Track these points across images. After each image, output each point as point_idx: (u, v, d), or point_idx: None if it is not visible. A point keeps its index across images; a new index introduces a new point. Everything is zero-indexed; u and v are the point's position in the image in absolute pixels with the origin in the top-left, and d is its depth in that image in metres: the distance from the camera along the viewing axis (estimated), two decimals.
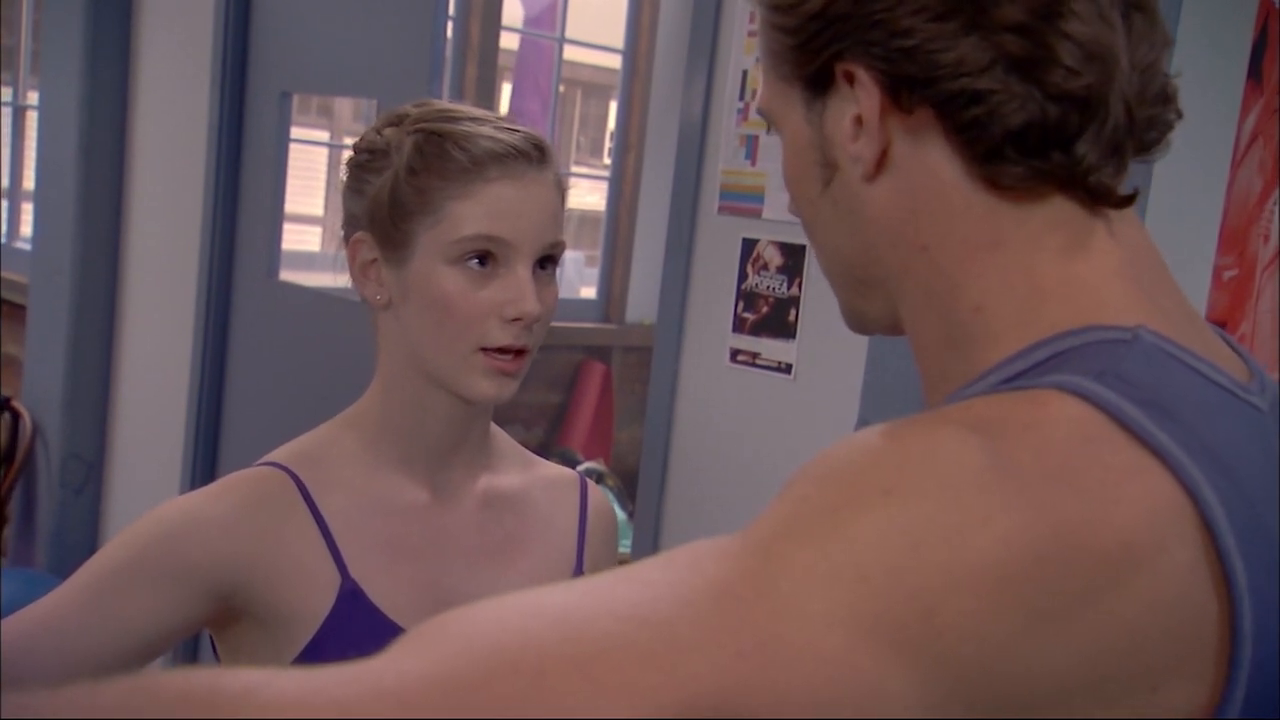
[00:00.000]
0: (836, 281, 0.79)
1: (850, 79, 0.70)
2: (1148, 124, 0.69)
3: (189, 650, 3.43)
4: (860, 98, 0.69)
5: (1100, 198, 0.69)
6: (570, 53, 5.00)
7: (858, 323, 0.81)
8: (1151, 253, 0.72)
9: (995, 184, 0.68)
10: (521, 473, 1.27)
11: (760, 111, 0.79)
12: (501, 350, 1.12)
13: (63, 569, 3.63)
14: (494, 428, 1.25)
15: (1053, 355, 0.66)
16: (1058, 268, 0.69)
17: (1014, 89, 0.66)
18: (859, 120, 0.70)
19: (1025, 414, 0.62)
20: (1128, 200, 0.70)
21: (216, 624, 1.14)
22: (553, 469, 1.31)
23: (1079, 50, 0.66)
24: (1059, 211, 0.69)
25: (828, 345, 2.13)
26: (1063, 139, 0.67)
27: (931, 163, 0.69)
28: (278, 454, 1.18)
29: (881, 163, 0.70)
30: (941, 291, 0.71)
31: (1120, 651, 0.59)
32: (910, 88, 0.68)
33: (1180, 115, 0.71)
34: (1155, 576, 0.59)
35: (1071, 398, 0.62)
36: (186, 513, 1.12)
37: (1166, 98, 0.70)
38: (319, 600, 1.12)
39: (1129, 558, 0.58)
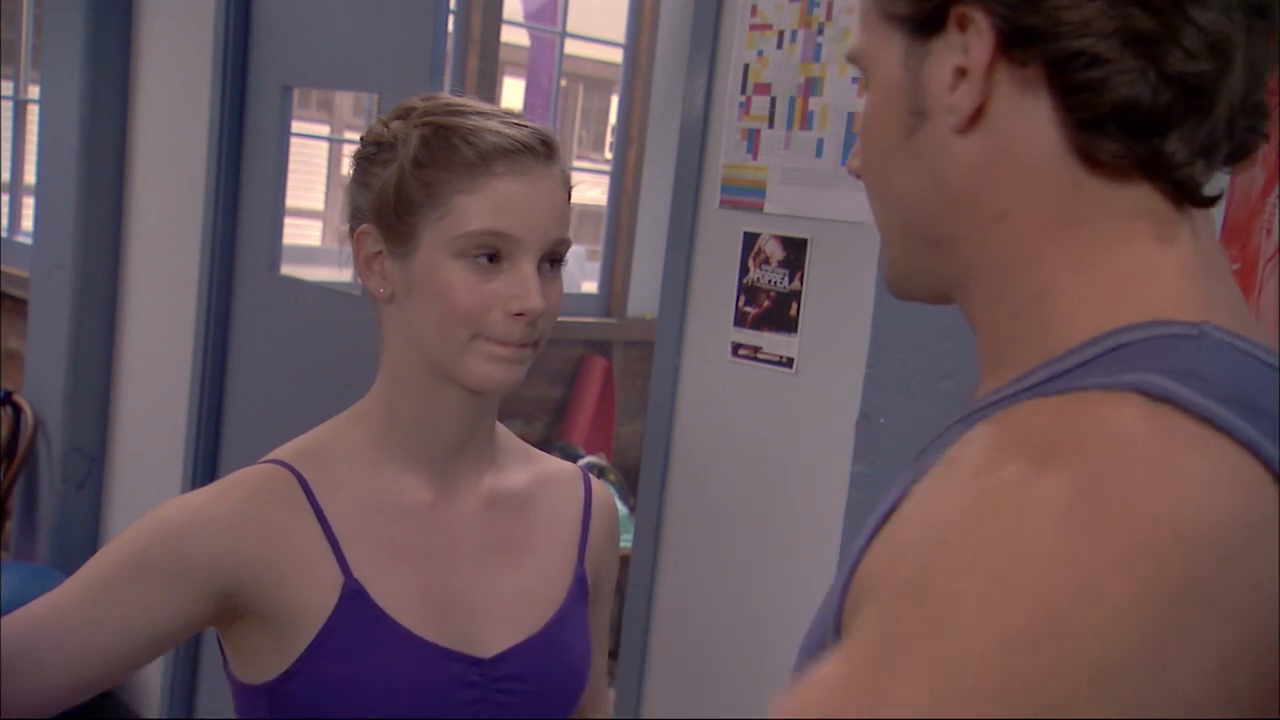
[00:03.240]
0: (896, 238, 0.77)
1: (964, 24, 0.68)
2: (1245, 130, 0.68)
3: (191, 649, 3.43)
4: (971, 44, 0.68)
5: (1186, 192, 0.68)
6: (571, 47, 4.99)
7: (905, 286, 0.78)
8: (1221, 254, 0.71)
9: (1089, 157, 0.67)
10: (525, 469, 1.26)
11: (851, 58, 0.77)
12: (504, 343, 1.12)
13: (65, 564, 3.63)
14: (498, 425, 1.25)
15: (1113, 348, 0.64)
16: (1131, 256, 0.68)
17: (1129, 62, 0.65)
18: (961, 71, 0.68)
19: (1105, 422, 0.59)
20: (1211, 201, 0.69)
21: (221, 622, 1.14)
22: (555, 464, 1.31)
23: (1202, 37, 0.64)
24: (1144, 199, 0.68)
25: (829, 339, 2.13)
26: (1163, 125, 0.66)
27: (1029, 123, 0.68)
28: (282, 452, 1.17)
29: (976, 117, 0.69)
30: (1011, 266, 0.70)
31: (1247, 653, 0.56)
32: (1029, 39, 0.66)
33: (1268, 138, 0.70)
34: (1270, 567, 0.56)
35: (1153, 401, 0.59)
36: (189, 511, 1.11)
37: (1264, 111, 0.69)
38: (322, 599, 1.12)
39: (1242, 557, 0.56)
